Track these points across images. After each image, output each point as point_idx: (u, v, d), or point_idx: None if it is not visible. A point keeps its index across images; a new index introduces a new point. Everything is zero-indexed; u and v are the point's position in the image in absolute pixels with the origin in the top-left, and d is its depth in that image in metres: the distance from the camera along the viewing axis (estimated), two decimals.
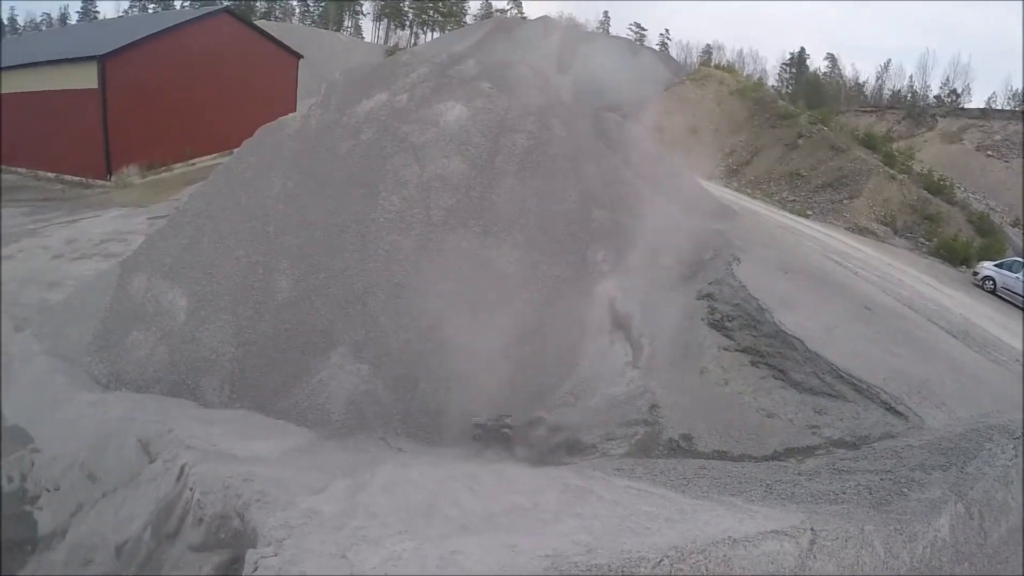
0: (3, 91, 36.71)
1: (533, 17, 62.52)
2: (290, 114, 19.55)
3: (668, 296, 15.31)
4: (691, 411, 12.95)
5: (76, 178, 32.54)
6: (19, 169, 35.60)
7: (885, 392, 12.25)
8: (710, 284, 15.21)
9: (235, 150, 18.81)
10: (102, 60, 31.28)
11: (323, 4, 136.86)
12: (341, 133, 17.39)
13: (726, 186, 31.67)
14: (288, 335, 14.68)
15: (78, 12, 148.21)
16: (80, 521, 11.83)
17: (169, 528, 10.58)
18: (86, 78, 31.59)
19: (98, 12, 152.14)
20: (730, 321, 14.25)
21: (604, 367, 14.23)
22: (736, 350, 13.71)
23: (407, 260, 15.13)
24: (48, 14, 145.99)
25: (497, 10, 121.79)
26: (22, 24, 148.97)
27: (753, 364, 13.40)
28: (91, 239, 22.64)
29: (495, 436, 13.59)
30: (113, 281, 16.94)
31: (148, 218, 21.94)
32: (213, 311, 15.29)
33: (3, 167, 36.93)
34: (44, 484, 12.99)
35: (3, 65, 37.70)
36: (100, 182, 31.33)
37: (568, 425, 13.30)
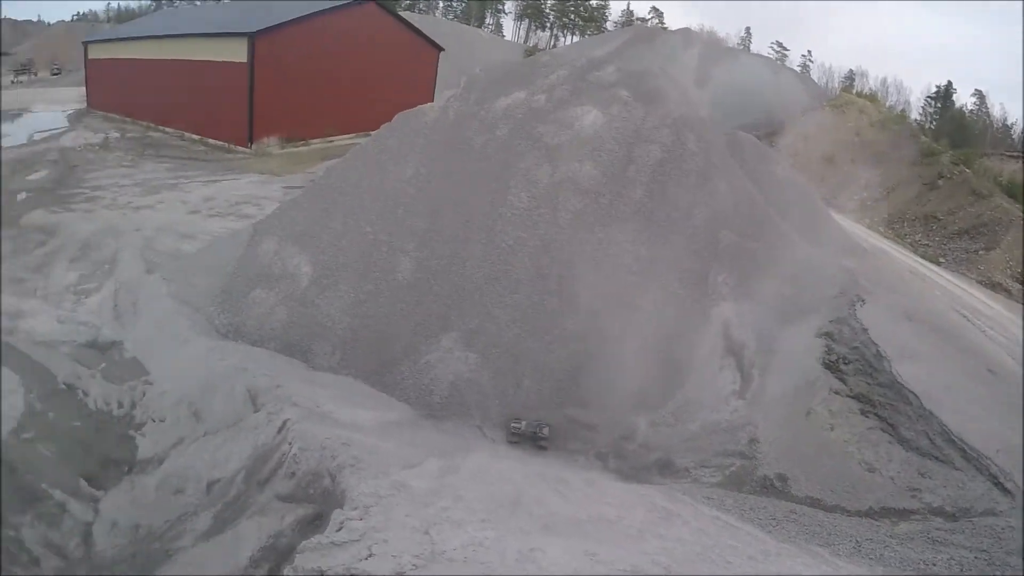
0: (162, 57, 39.32)
1: (674, 28, 61.74)
2: (428, 104, 19.93)
3: (785, 329, 14.84)
4: (791, 452, 12.63)
5: (219, 143, 34.46)
6: (167, 128, 37.91)
7: (995, 465, 11.64)
8: (830, 322, 14.68)
9: (373, 132, 19.41)
10: (253, 37, 33.26)
11: (466, 0, 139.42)
12: (477, 127, 17.63)
13: (858, 221, 30.47)
14: (403, 314, 15.02)
15: None
16: (179, 454, 12.52)
17: (261, 475, 11.12)
18: (237, 52, 33.71)
19: None
20: (846, 364, 13.74)
21: (709, 392, 13.93)
22: (847, 395, 13.24)
23: (529, 258, 15.18)
24: None
25: (638, 18, 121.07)
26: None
27: (863, 413, 12.95)
28: (228, 200, 23.84)
29: (530, 442, 13.51)
30: (244, 240, 17.87)
31: (283, 187, 22.94)
32: (335, 281, 15.83)
33: (152, 125, 39.35)
34: (151, 414, 13.82)
35: (164, 33, 40.32)
36: (241, 149, 33.21)
37: (664, 445, 13.14)
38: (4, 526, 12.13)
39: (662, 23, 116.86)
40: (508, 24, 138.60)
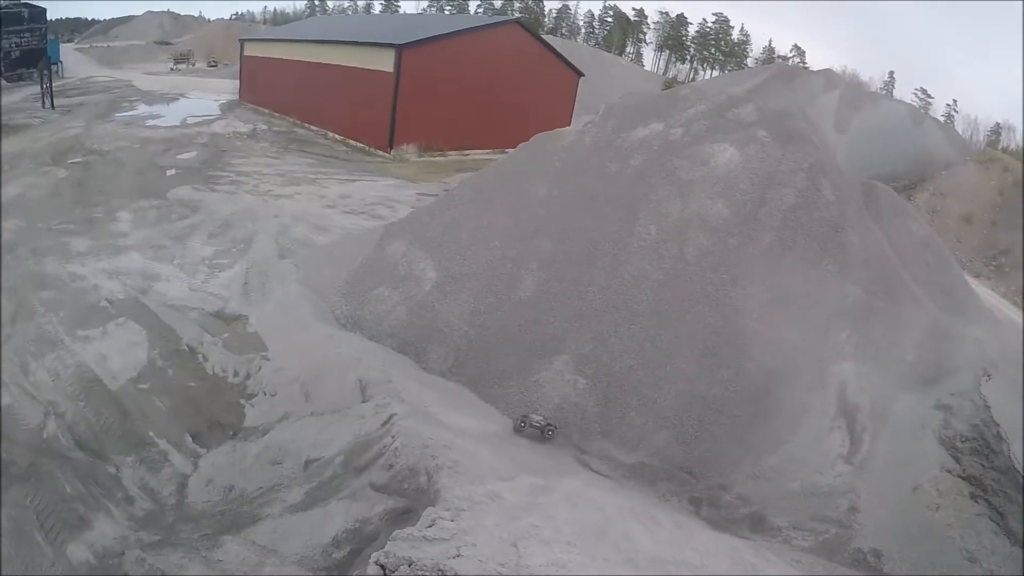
0: (312, 60, 41.46)
1: (816, 68, 60.27)
2: (566, 128, 20.19)
3: (903, 396, 14.11)
4: (890, 527, 12.09)
5: (360, 145, 36.10)
6: (312, 127, 39.89)
7: None
8: (951, 395, 13.88)
9: (509, 150, 19.86)
10: (400, 49, 34.90)
11: (609, 28, 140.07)
12: (612, 155, 17.75)
13: (993, 289, 29.08)
14: (520, 330, 15.25)
15: (381, 3, 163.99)
16: (283, 428, 13.16)
17: (359, 462, 11.64)
18: (385, 61, 35.52)
19: (399, 6, 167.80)
20: (962, 442, 12.97)
21: (815, 452, 13.38)
22: (959, 475, 12.49)
23: (651, 291, 15.13)
24: (354, 1, 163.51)
25: (779, 56, 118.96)
26: (331, 7, 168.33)
27: (972, 497, 12.19)
28: (363, 199, 24.87)
29: (535, 436, 13.65)
30: (375, 239, 18.58)
31: (418, 193, 23.74)
32: (457, 289, 16.28)
33: (298, 122, 41.29)
34: (263, 387, 14.57)
35: (317, 38, 42.44)
36: (381, 153, 34.81)
37: (760, 500, 12.82)
38: (107, 463, 13.22)
39: (803, 62, 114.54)
40: (648, 54, 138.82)
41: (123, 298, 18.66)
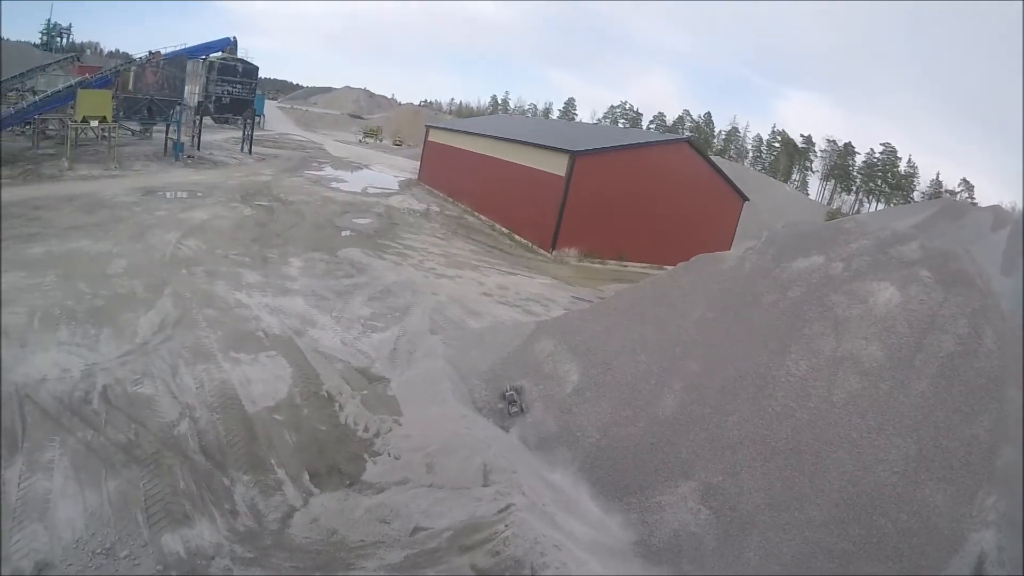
0: (490, 154, 43.94)
1: (984, 204, 57.24)
2: (726, 251, 20.24)
3: None
4: None
5: (525, 241, 37.85)
6: (481, 216, 41.90)
7: None
8: None
9: (667, 267, 20.10)
10: (574, 155, 36.61)
11: (776, 153, 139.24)
12: (770, 284, 17.57)
13: None
14: (651, 448, 15.08)
15: (560, 109, 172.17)
16: (399, 491, 13.50)
17: (467, 542, 11.73)
18: (558, 165, 37.39)
19: (576, 114, 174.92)
20: None
21: None
22: None
23: (792, 429, 14.61)
24: (534, 104, 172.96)
25: (947, 190, 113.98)
26: (512, 107, 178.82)
27: None
28: (519, 293, 25.77)
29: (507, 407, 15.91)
30: (525, 333, 19.18)
31: (573, 296, 24.30)
32: (596, 396, 16.41)
33: (469, 209, 43.35)
34: (389, 449, 15.20)
35: (496, 135, 44.85)
36: (543, 252, 36.36)
37: None
38: (224, 474, 14.16)
39: (972, 197, 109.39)
40: (813, 182, 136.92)
41: (279, 334, 20.44)
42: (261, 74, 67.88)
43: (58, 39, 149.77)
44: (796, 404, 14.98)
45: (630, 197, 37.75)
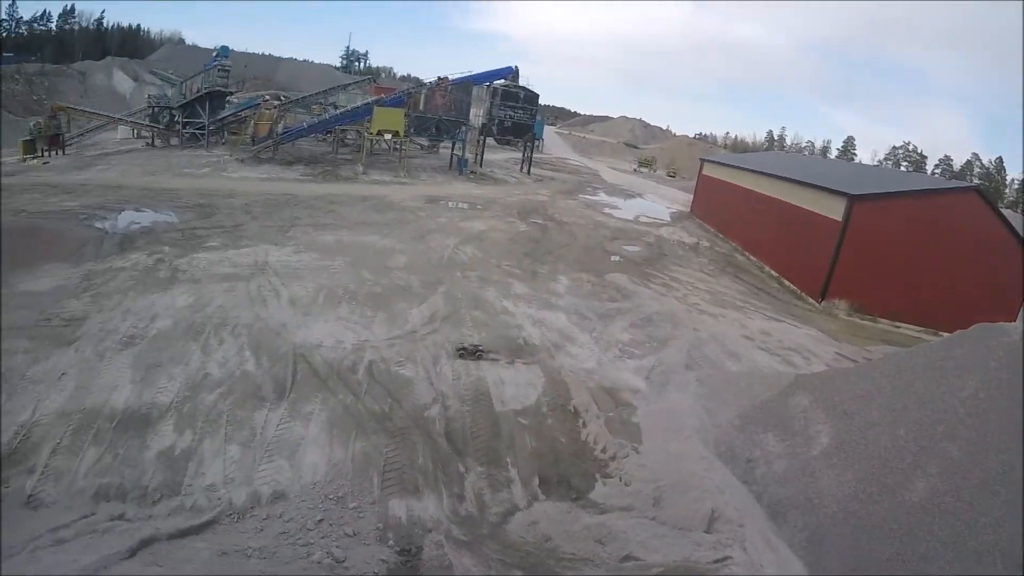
0: (763, 192, 42.54)
1: None
2: (1012, 323, 18.32)
3: None
4: None
5: (792, 287, 36.36)
6: (751, 256, 41.03)
7: None
8: None
9: (943, 333, 18.62)
10: (852, 200, 34.00)
11: None
12: None
13: None
14: (889, 535, 13.68)
15: (838, 148, 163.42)
16: (621, 517, 13.87)
17: None
18: (833, 209, 34.98)
19: (855, 154, 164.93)
20: None
21: None
22: None
23: None
24: (811, 142, 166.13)
25: None
26: (788, 144, 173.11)
27: None
28: (781, 342, 25.00)
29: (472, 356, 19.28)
30: (781, 384, 18.74)
31: (836, 352, 23.37)
32: (844, 464, 15.40)
33: (739, 248, 42.52)
34: (622, 474, 15.63)
35: (769, 172, 43.72)
36: (811, 300, 34.47)
37: None
38: (460, 461, 15.38)
39: None
40: None
41: (537, 344, 21.69)
42: (541, 100, 73.49)
43: (356, 63, 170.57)
44: None
45: (910, 249, 34.31)
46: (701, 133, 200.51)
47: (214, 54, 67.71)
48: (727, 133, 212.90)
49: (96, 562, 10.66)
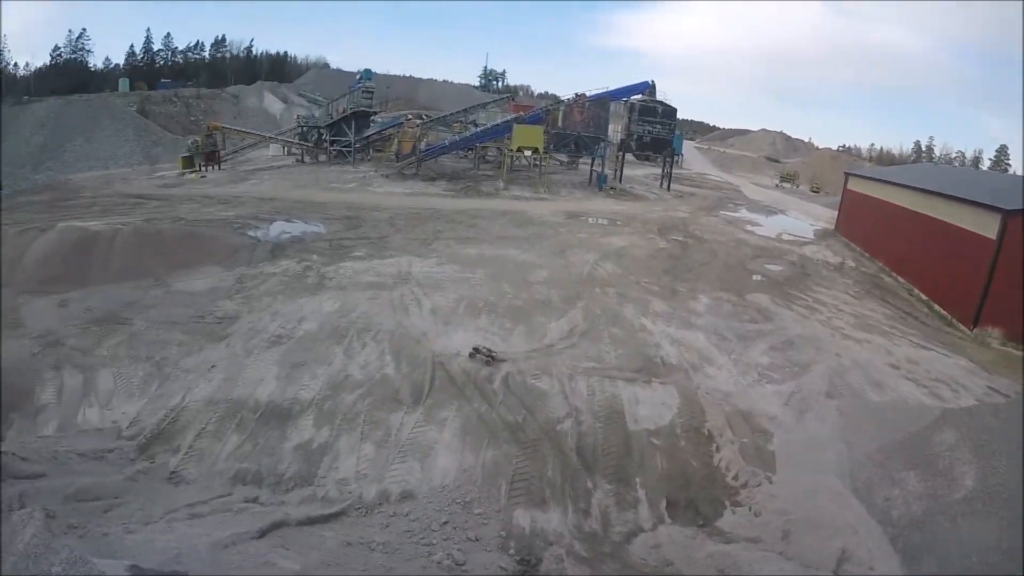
0: (910, 207, 40.05)
1: None
2: None
3: None
4: None
5: (941, 311, 33.40)
6: (899, 277, 38.76)
7: None
8: None
9: None
10: (1007, 215, 30.14)
11: None
12: None
13: None
14: None
15: (990, 159, 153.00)
16: (746, 548, 13.87)
17: None
18: (986, 225, 31.26)
19: (1009, 164, 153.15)
20: None
21: None
22: None
23: None
24: (962, 152, 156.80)
25: None
26: (937, 155, 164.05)
27: None
28: (928, 371, 23.03)
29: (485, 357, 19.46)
30: (927, 419, 18.10)
31: (988, 385, 22.14)
32: (986, 511, 14.09)
33: (886, 268, 40.52)
34: (752, 503, 15.43)
35: (916, 185, 41.20)
36: (962, 327, 31.08)
37: None
38: (587, 477, 15.67)
39: None
40: None
41: (675, 364, 21.86)
42: (679, 115, 73.30)
43: (494, 82, 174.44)
44: None
45: None
46: (844, 145, 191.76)
47: (358, 77, 72.42)
48: (871, 145, 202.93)
49: (227, 538, 11.56)
